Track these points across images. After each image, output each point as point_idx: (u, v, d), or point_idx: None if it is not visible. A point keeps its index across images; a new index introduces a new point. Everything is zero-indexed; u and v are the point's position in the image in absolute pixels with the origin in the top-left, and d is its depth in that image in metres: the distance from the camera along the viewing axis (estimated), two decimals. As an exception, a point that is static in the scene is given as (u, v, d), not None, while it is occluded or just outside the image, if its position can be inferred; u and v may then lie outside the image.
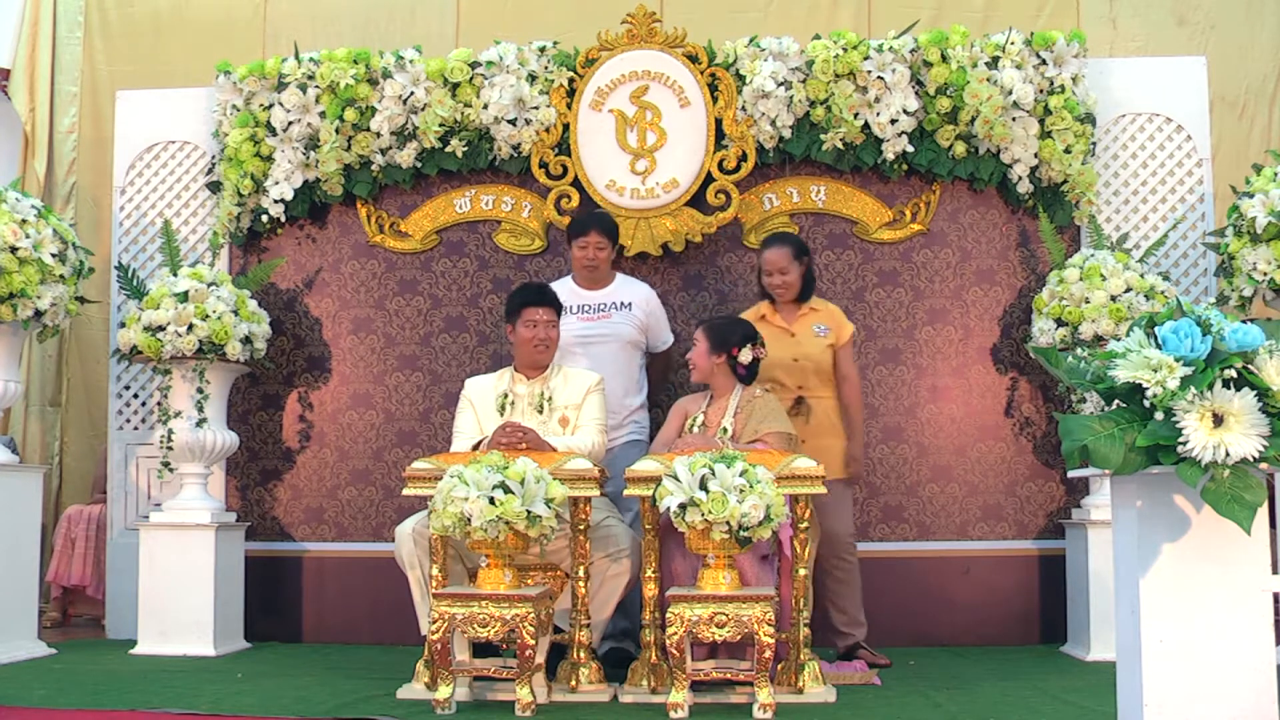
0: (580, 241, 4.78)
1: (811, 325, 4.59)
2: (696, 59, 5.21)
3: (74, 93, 6.72)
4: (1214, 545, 2.28)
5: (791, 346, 4.55)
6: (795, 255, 4.60)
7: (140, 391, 5.62)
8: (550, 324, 4.34)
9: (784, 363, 4.51)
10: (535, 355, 4.34)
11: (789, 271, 4.57)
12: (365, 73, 5.33)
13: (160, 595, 4.94)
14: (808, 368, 4.54)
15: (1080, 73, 5.13)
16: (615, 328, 4.77)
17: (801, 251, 4.64)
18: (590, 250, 4.77)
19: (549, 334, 4.33)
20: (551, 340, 4.36)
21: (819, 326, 4.59)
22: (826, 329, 4.59)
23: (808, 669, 3.79)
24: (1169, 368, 2.22)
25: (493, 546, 3.55)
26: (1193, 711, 2.25)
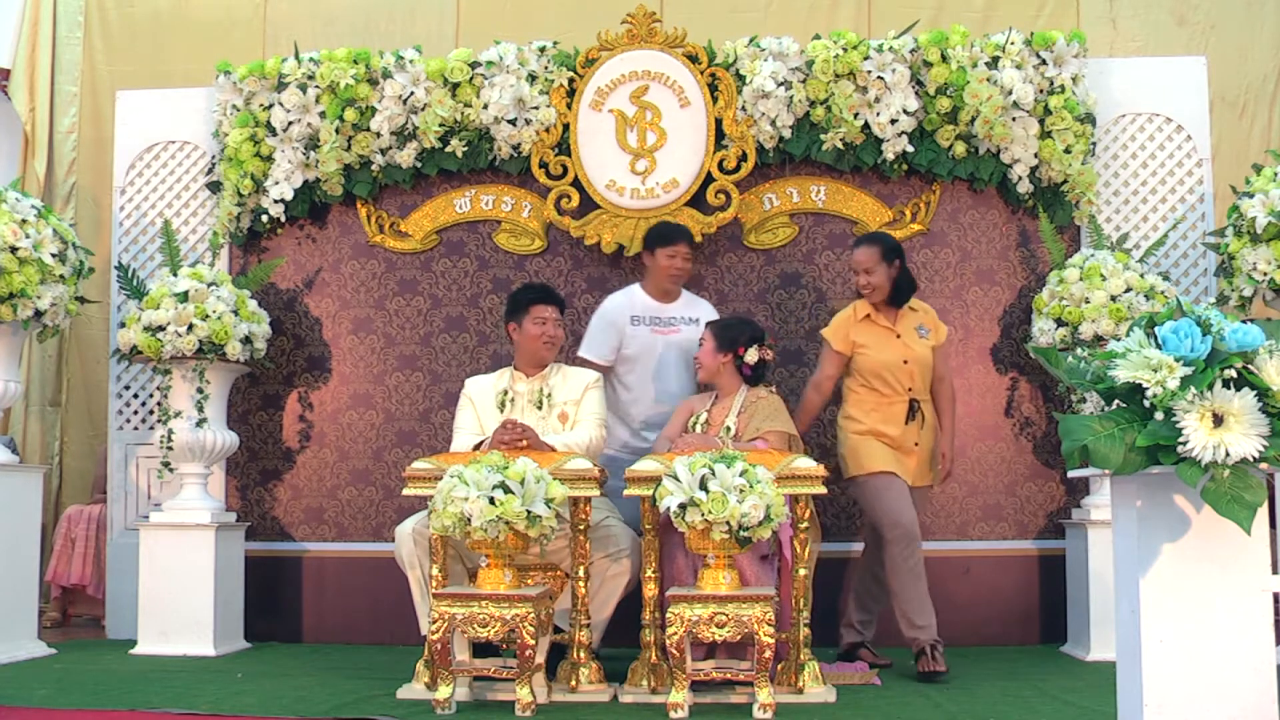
0: (670, 250, 4.75)
1: (914, 326, 4.50)
2: (696, 59, 5.22)
3: (74, 93, 6.72)
4: (1214, 545, 2.28)
5: (900, 349, 4.44)
6: (883, 256, 4.44)
7: (140, 391, 5.62)
8: (558, 322, 4.40)
9: (893, 365, 4.40)
10: (542, 352, 4.38)
11: (874, 272, 4.43)
12: (365, 73, 5.33)
13: (160, 595, 4.94)
14: (916, 370, 4.43)
15: (1080, 73, 5.13)
16: (684, 342, 4.76)
17: (892, 252, 4.48)
18: (679, 260, 4.76)
19: (557, 332, 4.38)
20: (558, 338, 4.41)
21: (921, 328, 4.50)
22: (927, 330, 4.51)
23: (808, 669, 3.79)
24: (1169, 368, 2.22)
25: (493, 546, 3.55)
26: (1193, 711, 2.25)
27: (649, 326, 4.78)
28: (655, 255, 4.79)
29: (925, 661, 4.17)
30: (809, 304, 5.30)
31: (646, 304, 4.81)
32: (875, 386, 4.41)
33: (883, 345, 4.43)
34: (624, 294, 4.86)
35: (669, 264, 4.76)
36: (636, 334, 4.75)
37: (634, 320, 4.78)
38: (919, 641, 4.22)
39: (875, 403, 4.42)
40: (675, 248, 4.76)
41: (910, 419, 4.40)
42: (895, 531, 4.25)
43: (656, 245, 4.80)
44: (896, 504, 4.29)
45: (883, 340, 4.43)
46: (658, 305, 4.81)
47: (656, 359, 4.76)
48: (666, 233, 4.84)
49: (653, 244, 4.82)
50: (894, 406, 4.40)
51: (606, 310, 4.84)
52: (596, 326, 4.83)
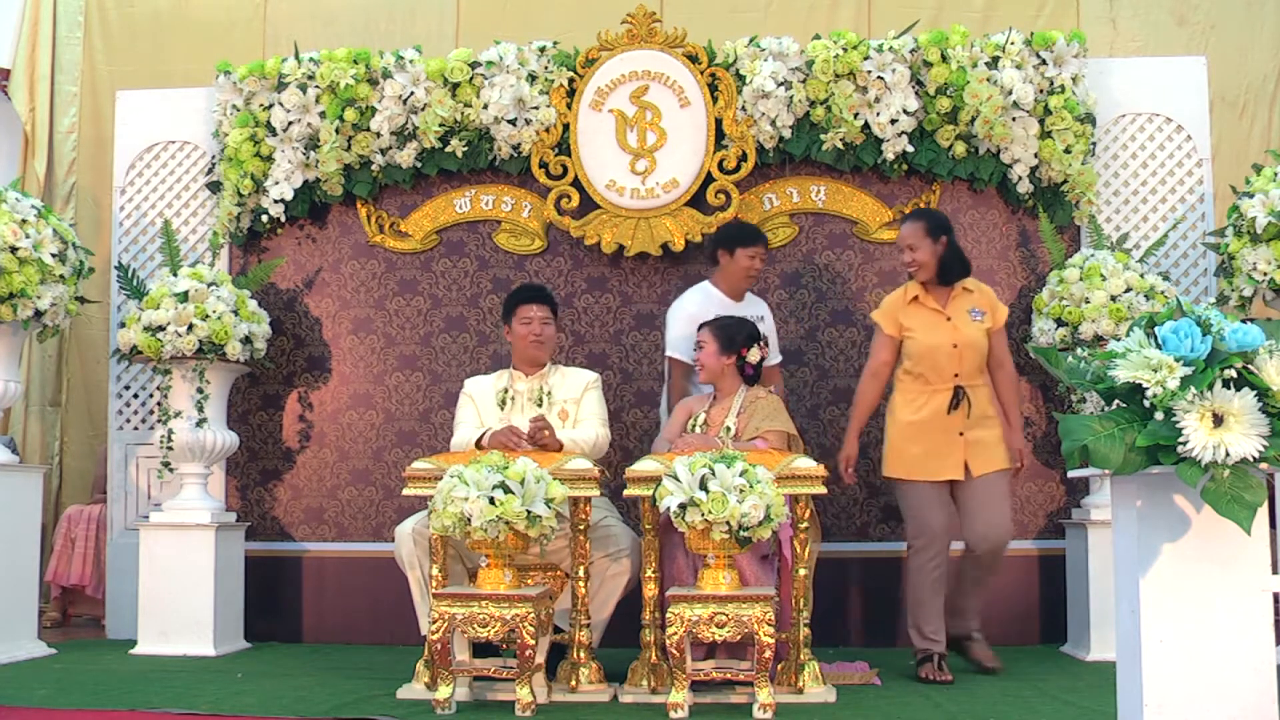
0: (751, 251, 4.65)
1: (966, 309, 4.29)
2: (696, 59, 5.21)
3: (74, 93, 6.72)
4: (1214, 545, 2.28)
5: (949, 331, 4.24)
6: (928, 232, 4.28)
7: (140, 391, 5.62)
8: (544, 320, 4.38)
9: (942, 348, 4.20)
10: (531, 351, 4.37)
11: (918, 249, 4.26)
12: (365, 73, 5.33)
13: (160, 595, 4.94)
14: (966, 355, 4.22)
15: (1080, 73, 5.13)
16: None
17: (938, 229, 4.30)
18: (758, 261, 4.69)
19: (544, 330, 4.37)
20: (546, 336, 4.39)
21: (974, 311, 4.29)
22: (982, 312, 4.30)
23: (808, 669, 3.79)
24: (1169, 368, 2.22)
25: (493, 546, 3.56)
26: (1193, 711, 2.25)
27: None
28: (735, 255, 4.66)
29: (930, 670, 4.11)
30: (809, 304, 5.30)
31: (723, 302, 4.66)
32: (921, 373, 4.23)
33: (930, 328, 4.24)
34: (699, 292, 4.72)
35: (750, 264, 4.66)
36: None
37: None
38: (929, 651, 4.15)
39: (918, 392, 4.24)
40: (756, 248, 4.67)
41: (954, 408, 4.20)
42: (918, 540, 4.18)
43: (738, 245, 4.67)
44: (923, 512, 4.18)
45: (931, 323, 4.25)
46: (731, 304, 4.68)
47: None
48: (748, 234, 4.74)
49: (733, 244, 4.68)
50: (937, 396, 4.21)
51: (690, 310, 4.64)
52: (683, 326, 4.62)
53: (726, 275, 4.71)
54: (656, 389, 5.28)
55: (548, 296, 4.48)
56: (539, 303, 4.40)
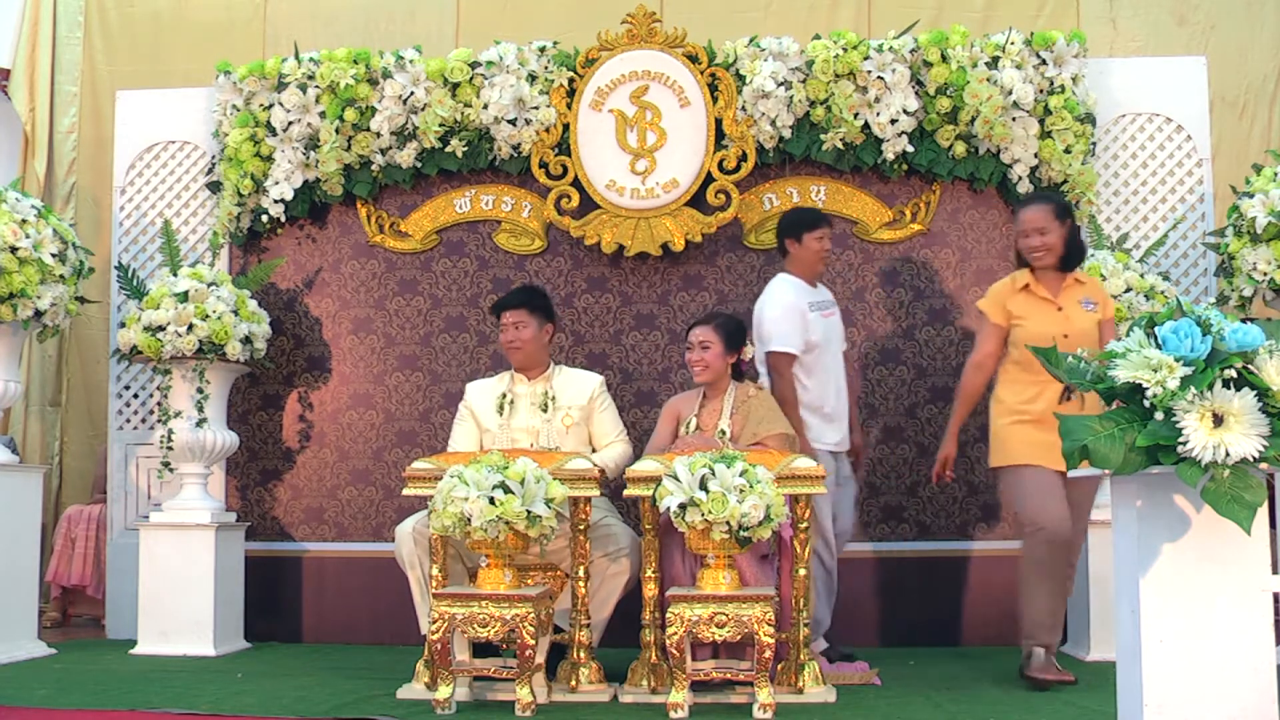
0: (818, 233, 4.55)
1: (1079, 299, 4.11)
2: (696, 59, 5.21)
3: (74, 93, 6.72)
4: (1214, 545, 2.28)
5: (1060, 322, 4.04)
6: (1057, 214, 4.12)
7: (140, 391, 5.62)
8: (519, 324, 4.39)
9: (1051, 339, 3.85)
10: (511, 357, 4.44)
11: (1049, 231, 4.07)
12: (365, 73, 5.33)
13: (160, 595, 4.94)
14: (1076, 346, 3.83)
15: (1080, 73, 5.13)
16: (837, 325, 4.66)
17: (1065, 211, 4.16)
18: (826, 241, 4.60)
19: (517, 335, 4.39)
20: (522, 340, 4.39)
21: (1086, 301, 4.12)
22: (1094, 303, 4.12)
23: (808, 669, 3.79)
24: (1169, 368, 2.22)
25: (493, 546, 3.56)
26: (1193, 711, 2.25)
27: (819, 311, 4.54)
28: (804, 241, 4.55)
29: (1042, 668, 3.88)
30: (809, 304, 5.30)
31: (804, 289, 4.55)
32: (1031, 362, 4.01)
33: (1041, 317, 4.06)
34: (785, 283, 4.55)
35: (819, 246, 4.56)
36: (815, 321, 4.49)
37: (811, 306, 4.52)
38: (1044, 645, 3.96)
39: (1027, 383, 4.03)
40: (823, 230, 4.57)
41: (1066, 399, 3.99)
42: (1033, 533, 3.94)
43: (804, 230, 4.56)
44: (1037, 501, 3.93)
45: (1041, 312, 4.07)
46: (813, 290, 4.59)
47: (828, 346, 4.56)
48: (811, 218, 4.62)
49: (799, 230, 4.57)
50: (1049, 387, 3.97)
51: (786, 299, 4.48)
52: (783, 317, 4.44)
53: (799, 262, 4.58)
54: (657, 389, 5.28)
55: (524, 299, 4.46)
56: (513, 308, 4.42)
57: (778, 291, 4.53)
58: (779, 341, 4.39)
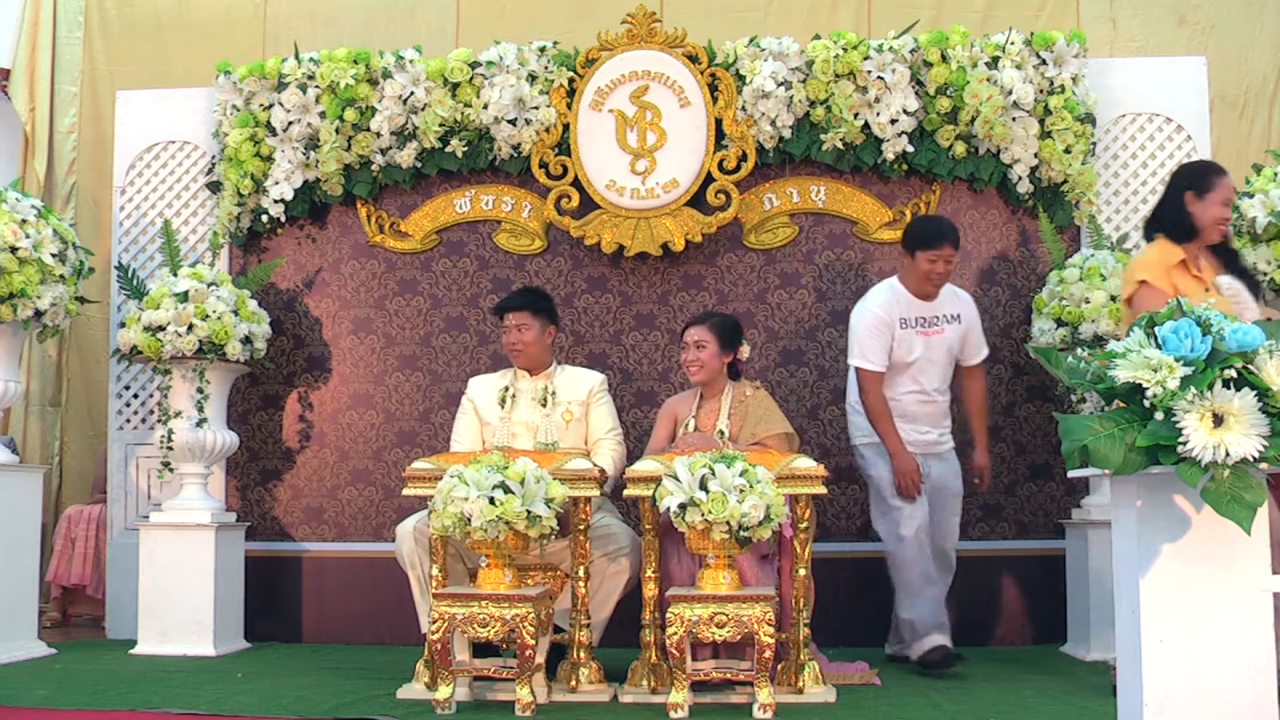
0: (932, 255, 4.33)
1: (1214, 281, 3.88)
2: (696, 59, 5.21)
3: (74, 93, 6.72)
4: (1214, 545, 2.28)
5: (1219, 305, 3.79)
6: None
7: (140, 391, 5.62)
8: (519, 327, 4.38)
9: None
10: (514, 359, 4.42)
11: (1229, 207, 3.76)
12: (365, 73, 5.33)
13: (160, 595, 4.94)
14: None
15: (1080, 73, 5.13)
16: (945, 341, 4.48)
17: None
18: (940, 265, 4.35)
19: (519, 337, 4.38)
20: (525, 343, 4.38)
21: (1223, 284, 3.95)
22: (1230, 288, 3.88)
23: (808, 669, 3.79)
24: (1169, 368, 2.22)
25: (493, 546, 3.56)
26: (1193, 711, 2.25)
27: (915, 328, 4.42)
28: (915, 258, 4.37)
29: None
30: (809, 304, 5.30)
31: (911, 303, 4.41)
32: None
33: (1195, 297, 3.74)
34: (887, 290, 4.44)
35: (930, 269, 4.35)
36: (905, 337, 4.39)
37: (903, 323, 4.40)
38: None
39: None
40: (938, 251, 4.33)
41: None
42: None
43: (917, 247, 4.35)
44: None
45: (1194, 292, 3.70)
46: (921, 304, 4.42)
47: (921, 361, 4.43)
48: (930, 234, 4.37)
49: (913, 245, 4.37)
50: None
51: (876, 312, 4.39)
52: (868, 329, 4.38)
53: (910, 276, 4.44)
54: (657, 389, 5.29)
55: (526, 301, 4.45)
56: (515, 310, 4.40)
57: (871, 301, 4.45)
58: (860, 357, 4.40)
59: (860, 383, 4.43)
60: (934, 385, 4.49)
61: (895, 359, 4.39)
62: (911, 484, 4.33)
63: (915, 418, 4.47)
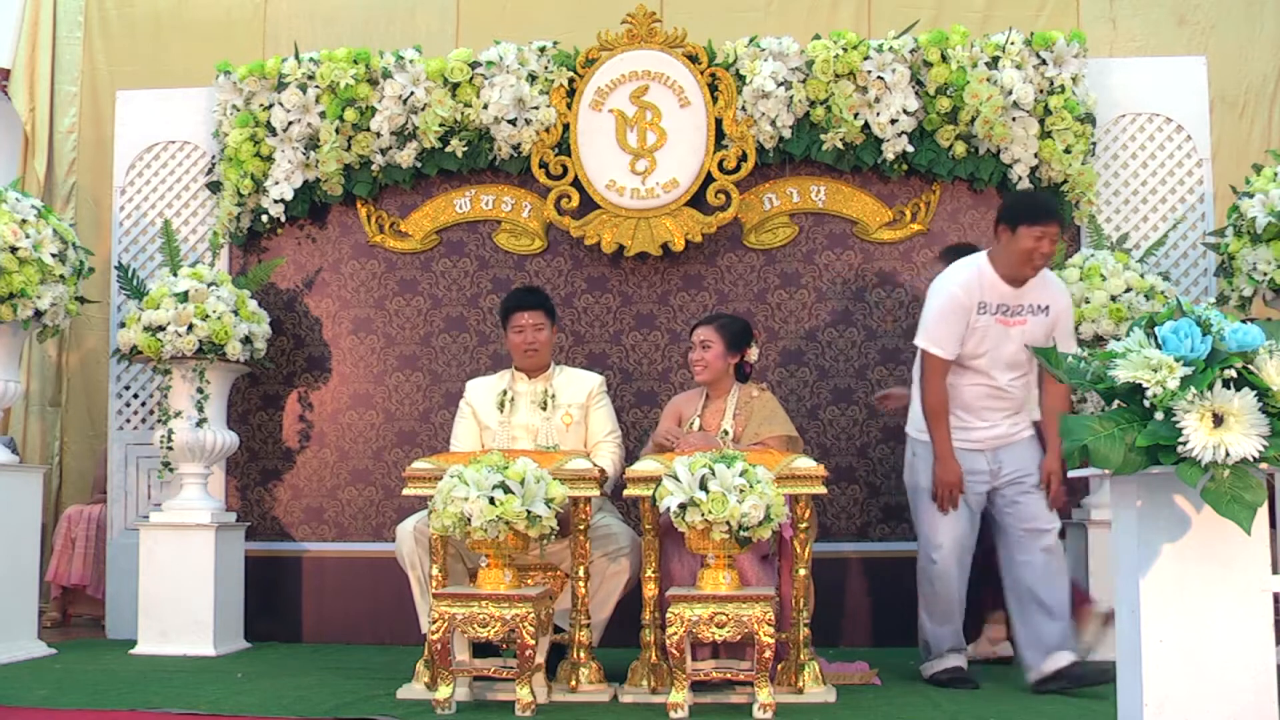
0: (1038, 230, 3.87)
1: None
2: (696, 59, 5.21)
3: (74, 93, 6.72)
4: (1214, 545, 2.28)
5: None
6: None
7: (140, 391, 5.62)
8: (537, 327, 4.34)
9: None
10: (525, 359, 4.37)
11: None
12: (365, 73, 5.33)
13: (160, 595, 4.94)
14: None
15: (1080, 73, 5.12)
16: (1025, 334, 4.00)
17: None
18: (1046, 243, 3.90)
19: (535, 337, 4.34)
20: (539, 343, 4.35)
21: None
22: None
23: (808, 669, 3.79)
24: (1169, 368, 2.22)
25: (493, 546, 3.55)
26: (1193, 711, 2.25)
27: (995, 315, 3.97)
28: (1017, 234, 3.89)
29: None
30: (809, 304, 5.30)
31: (995, 286, 3.96)
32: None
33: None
34: (973, 269, 3.99)
35: (1034, 246, 3.88)
36: (981, 324, 3.95)
37: (981, 307, 3.95)
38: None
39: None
40: (1045, 227, 3.88)
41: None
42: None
43: (1021, 222, 3.89)
44: None
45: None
46: (1007, 289, 3.97)
47: (996, 352, 3.98)
48: (1037, 209, 3.95)
49: (1015, 220, 3.91)
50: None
51: (955, 291, 3.97)
52: (941, 311, 3.97)
53: (1004, 255, 3.96)
54: (657, 389, 5.29)
55: (540, 301, 4.42)
56: (530, 309, 4.35)
57: (952, 280, 4.02)
58: (926, 338, 3.99)
59: (923, 368, 4.02)
60: (1007, 378, 4.00)
61: (966, 348, 3.96)
62: (948, 496, 3.96)
63: (980, 411, 4.03)
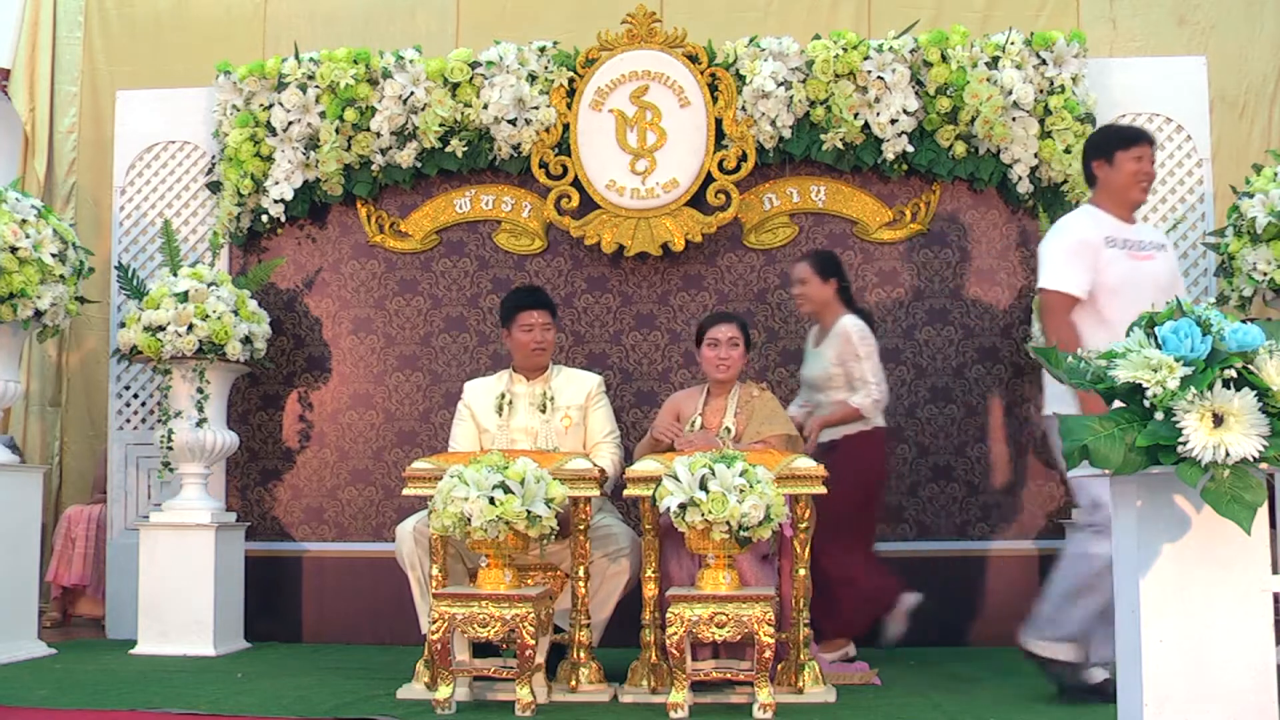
0: (1136, 152, 3.78)
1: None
2: (696, 59, 5.21)
3: (74, 93, 6.72)
4: (1214, 545, 2.27)
5: None
6: None
7: (140, 391, 5.62)
8: (545, 326, 4.34)
9: None
10: (533, 358, 4.36)
11: None
12: (365, 73, 5.33)
13: (160, 595, 4.94)
14: None
15: (1080, 73, 5.13)
16: (1155, 271, 3.78)
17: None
18: (1146, 163, 3.80)
19: (545, 336, 4.34)
20: (548, 342, 4.36)
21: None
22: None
23: (808, 669, 3.79)
24: (1169, 368, 2.22)
25: (493, 546, 3.56)
26: (1193, 711, 2.25)
27: (1125, 250, 3.76)
28: (1116, 162, 3.79)
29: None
30: (809, 304, 5.30)
31: (1114, 224, 3.80)
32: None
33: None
34: (1085, 215, 3.84)
35: (1137, 168, 3.78)
36: (1115, 259, 3.72)
37: (1109, 242, 3.74)
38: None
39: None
40: (1140, 148, 3.80)
41: None
42: None
43: (1116, 149, 3.80)
44: None
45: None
46: (1125, 226, 3.81)
47: (1136, 293, 3.62)
48: (1125, 133, 3.88)
49: (1110, 149, 3.82)
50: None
51: (1073, 230, 3.79)
52: (1063, 250, 3.74)
53: (1110, 191, 3.83)
54: (657, 389, 5.28)
55: (548, 300, 4.45)
56: (540, 308, 4.36)
57: (1066, 220, 3.87)
58: (1052, 278, 3.72)
59: (1045, 310, 3.75)
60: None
61: (1104, 283, 3.68)
62: None
63: None
